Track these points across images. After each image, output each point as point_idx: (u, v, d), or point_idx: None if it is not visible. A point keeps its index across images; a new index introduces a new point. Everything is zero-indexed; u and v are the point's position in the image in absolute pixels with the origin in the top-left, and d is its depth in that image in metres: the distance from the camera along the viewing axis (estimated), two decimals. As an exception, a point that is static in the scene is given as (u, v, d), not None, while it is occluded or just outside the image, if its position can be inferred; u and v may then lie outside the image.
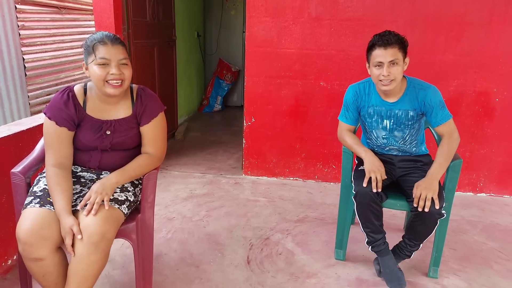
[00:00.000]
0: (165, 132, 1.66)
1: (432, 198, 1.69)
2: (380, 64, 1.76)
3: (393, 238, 2.04)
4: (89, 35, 1.51)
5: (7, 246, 1.88)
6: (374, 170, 1.79)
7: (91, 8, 3.81)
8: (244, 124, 3.10)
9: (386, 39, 1.74)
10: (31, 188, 1.51)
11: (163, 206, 2.63)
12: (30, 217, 1.36)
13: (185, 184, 3.03)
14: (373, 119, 1.93)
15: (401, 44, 1.76)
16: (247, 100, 3.06)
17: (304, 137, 3.07)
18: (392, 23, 2.71)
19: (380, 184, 1.77)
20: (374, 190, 1.76)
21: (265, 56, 2.93)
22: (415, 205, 1.72)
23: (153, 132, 1.60)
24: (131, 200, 1.55)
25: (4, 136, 1.81)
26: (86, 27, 3.85)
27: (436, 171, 1.77)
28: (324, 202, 2.79)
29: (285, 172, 3.17)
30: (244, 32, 5.39)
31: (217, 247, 2.18)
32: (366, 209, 1.79)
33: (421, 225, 1.77)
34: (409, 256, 1.90)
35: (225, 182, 3.10)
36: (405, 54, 1.78)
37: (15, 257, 1.93)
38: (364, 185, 1.78)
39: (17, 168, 1.53)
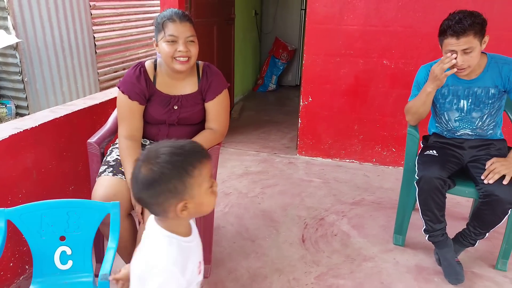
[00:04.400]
0: (228, 109, 1.69)
1: (503, 177, 1.60)
2: (452, 53, 1.63)
3: (456, 227, 1.93)
4: (159, 13, 1.56)
5: (83, 209, 2.06)
6: (435, 69, 1.66)
7: (155, -13, 3.93)
8: (300, 103, 3.06)
9: (458, 27, 1.56)
10: (105, 158, 1.63)
11: (220, 182, 2.71)
12: (104, 185, 1.47)
13: (240, 161, 3.10)
14: (447, 100, 1.81)
15: (478, 28, 1.57)
16: (304, 79, 3.01)
17: (363, 118, 2.97)
18: (468, -4, 2.48)
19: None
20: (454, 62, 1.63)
21: (326, 33, 2.84)
22: (482, 177, 1.64)
23: (217, 108, 1.64)
24: (195, 173, 1.61)
25: (81, 109, 1.96)
26: (150, 6, 3.99)
27: None
28: (381, 186, 2.70)
29: (341, 153, 3.10)
30: (302, 9, 5.30)
31: (272, 224, 2.22)
32: (428, 197, 1.71)
33: (489, 214, 1.66)
34: (473, 245, 1.79)
35: (279, 161, 3.12)
36: (483, 35, 1.61)
37: (89, 220, 2.11)
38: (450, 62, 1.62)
39: (93, 139, 1.66)
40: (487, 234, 1.74)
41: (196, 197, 0.87)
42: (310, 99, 3.03)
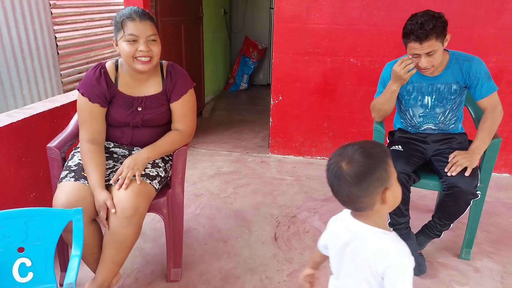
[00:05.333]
0: (194, 109, 1.66)
1: (465, 169, 1.66)
2: (417, 56, 1.68)
3: (423, 219, 1.99)
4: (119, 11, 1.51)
5: (45, 217, 1.97)
6: (397, 69, 1.70)
7: (119, -15, 3.81)
8: (271, 102, 3.07)
9: (421, 33, 1.59)
10: (66, 163, 1.56)
11: (191, 183, 2.67)
12: (66, 191, 1.41)
13: (212, 161, 3.07)
14: (411, 97, 1.86)
15: (440, 30, 1.61)
16: (274, 78, 3.01)
17: (332, 116, 3.01)
18: (428, -6, 2.56)
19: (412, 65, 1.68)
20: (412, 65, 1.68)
21: (293, 32, 2.86)
22: (446, 170, 1.69)
23: (182, 109, 1.61)
24: (162, 175, 1.57)
25: (40, 113, 1.87)
26: (115, 5, 3.87)
27: (478, 147, 1.71)
28: (351, 182, 2.74)
29: (312, 151, 3.13)
30: (271, 8, 5.30)
31: (244, 224, 2.20)
32: None
33: (452, 205, 1.72)
34: (439, 236, 1.85)
35: (251, 160, 3.11)
36: (444, 35, 1.66)
37: (53, 228, 2.03)
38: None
39: (53, 143, 1.59)
40: (451, 225, 1.80)
41: (394, 185, 0.94)
42: (280, 97, 3.04)
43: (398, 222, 1.80)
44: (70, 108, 2.03)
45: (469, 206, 1.71)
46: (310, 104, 3.01)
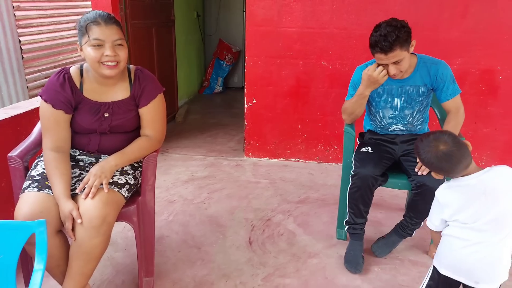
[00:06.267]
0: (164, 114, 1.63)
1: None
2: (384, 65, 1.73)
3: (394, 218, 2.04)
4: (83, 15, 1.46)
5: (9, 229, 1.88)
6: (373, 75, 1.74)
7: (87, -13, 3.71)
8: (245, 105, 3.07)
9: (384, 45, 1.63)
10: (29, 172, 1.50)
11: (164, 189, 2.63)
12: (29, 202, 1.35)
13: (186, 166, 3.03)
14: (382, 98, 1.90)
15: (403, 39, 1.65)
16: (247, 81, 3.01)
17: (305, 118, 3.03)
18: (395, -1, 2.63)
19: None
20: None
21: (265, 36, 2.87)
22: (416, 169, 1.75)
23: (152, 114, 1.57)
24: (131, 183, 1.53)
25: (1, 120, 1.79)
26: (83, 7, 3.77)
27: None
28: (325, 183, 2.78)
29: (286, 153, 3.15)
30: (244, 11, 5.31)
31: (219, 229, 2.18)
32: (357, 191, 1.80)
33: (422, 203, 1.76)
34: (411, 235, 1.90)
35: (226, 164, 3.09)
36: (409, 43, 1.70)
37: (18, 240, 1.94)
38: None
39: (15, 152, 1.52)
40: (422, 223, 1.85)
41: None
42: (254, 101, 3.04)
43: (355, 222, 1.85)
44: (33, 115, 1.95)
45: (437, 204, 1.77)
46: (283, 107, 3.03)
